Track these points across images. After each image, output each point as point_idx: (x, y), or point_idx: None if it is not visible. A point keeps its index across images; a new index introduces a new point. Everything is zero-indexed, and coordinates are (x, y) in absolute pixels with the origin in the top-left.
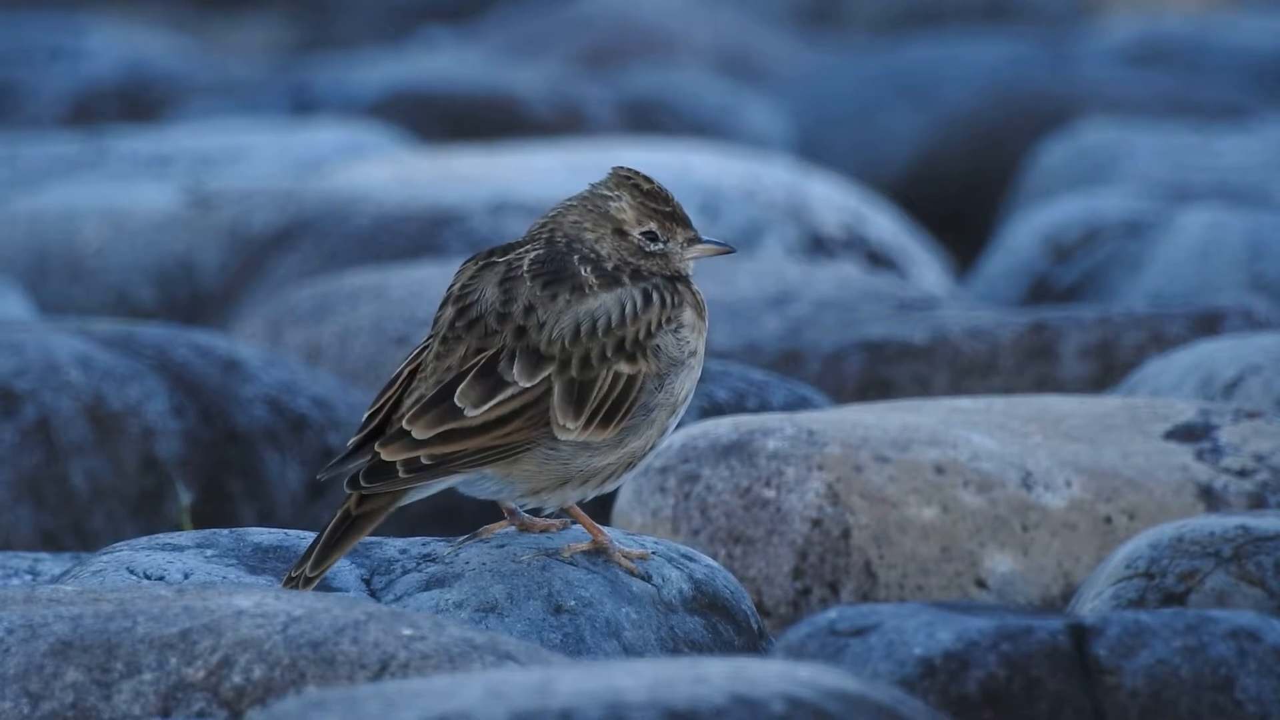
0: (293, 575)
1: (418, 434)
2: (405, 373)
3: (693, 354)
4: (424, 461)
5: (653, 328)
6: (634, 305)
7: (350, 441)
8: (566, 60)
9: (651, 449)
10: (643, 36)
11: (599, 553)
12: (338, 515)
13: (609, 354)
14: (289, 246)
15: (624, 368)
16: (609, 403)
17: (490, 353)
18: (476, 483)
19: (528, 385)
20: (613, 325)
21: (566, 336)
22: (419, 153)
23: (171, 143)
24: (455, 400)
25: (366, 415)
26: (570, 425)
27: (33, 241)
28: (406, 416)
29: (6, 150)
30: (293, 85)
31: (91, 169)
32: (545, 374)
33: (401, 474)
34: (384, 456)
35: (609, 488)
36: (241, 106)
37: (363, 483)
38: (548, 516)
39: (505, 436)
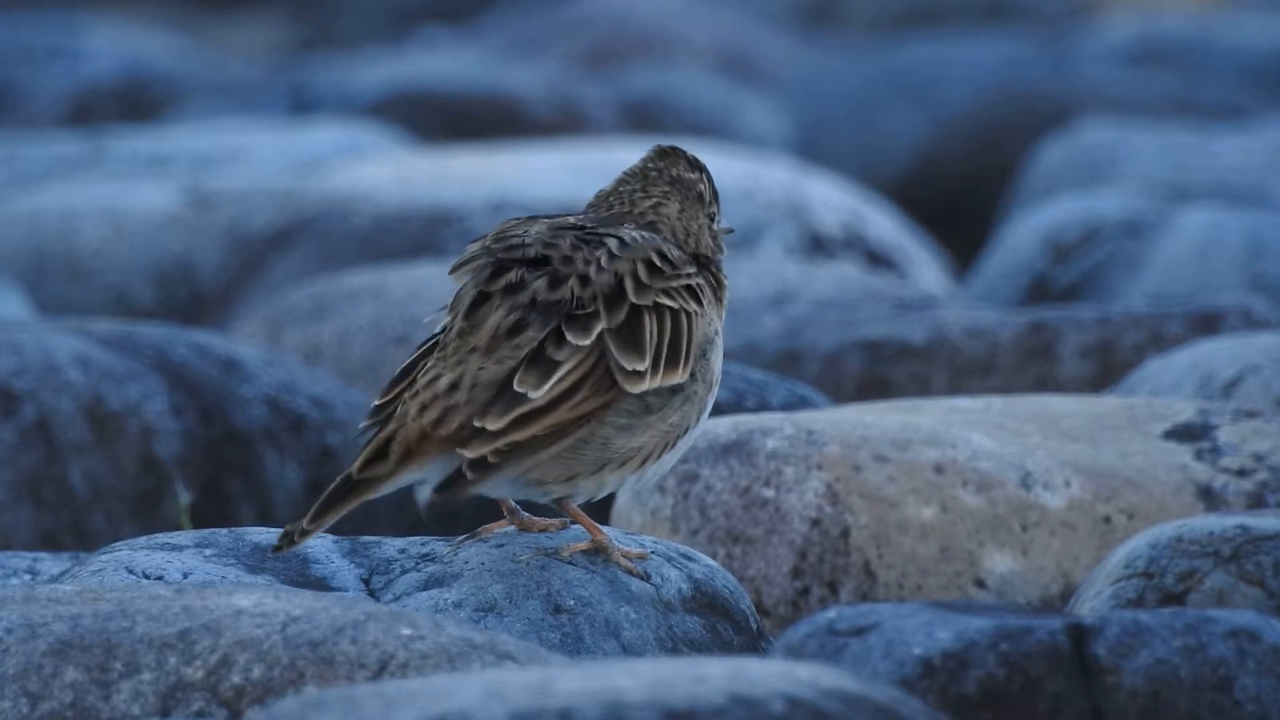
0: (288, 530)
1: (491, 426)
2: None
3: (717, 333)
4: (490, 460)
5: (674, 256)
6: (670, 250)
7: (362, 425)
8: (566, 60)
9: (690, 430)
10: (642, 36)
11: (598, 552)
12: (339, 478)
13: (652, 277)
14: (288, 246)
15: (666, 301)
16: (667, 341)
17: (538, 340)
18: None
19: (584, 344)
20: (659, 244)
21: (614, 247)
22: (418, 153)
23: (171, 143)
24: (515, 388)
25: (380, 400)
26: (639, 368)
27: (32, 241)
28: (477, 417)
29: (6, 150)
30: (292, 85)
31: (91, 169)
32: (597, 330)
33: (470, 476)
34: (468, 454)
35: (648, 473)
36: (241, 106)
37: (436, 497)
38: (546, 517)
39: (575, 408)
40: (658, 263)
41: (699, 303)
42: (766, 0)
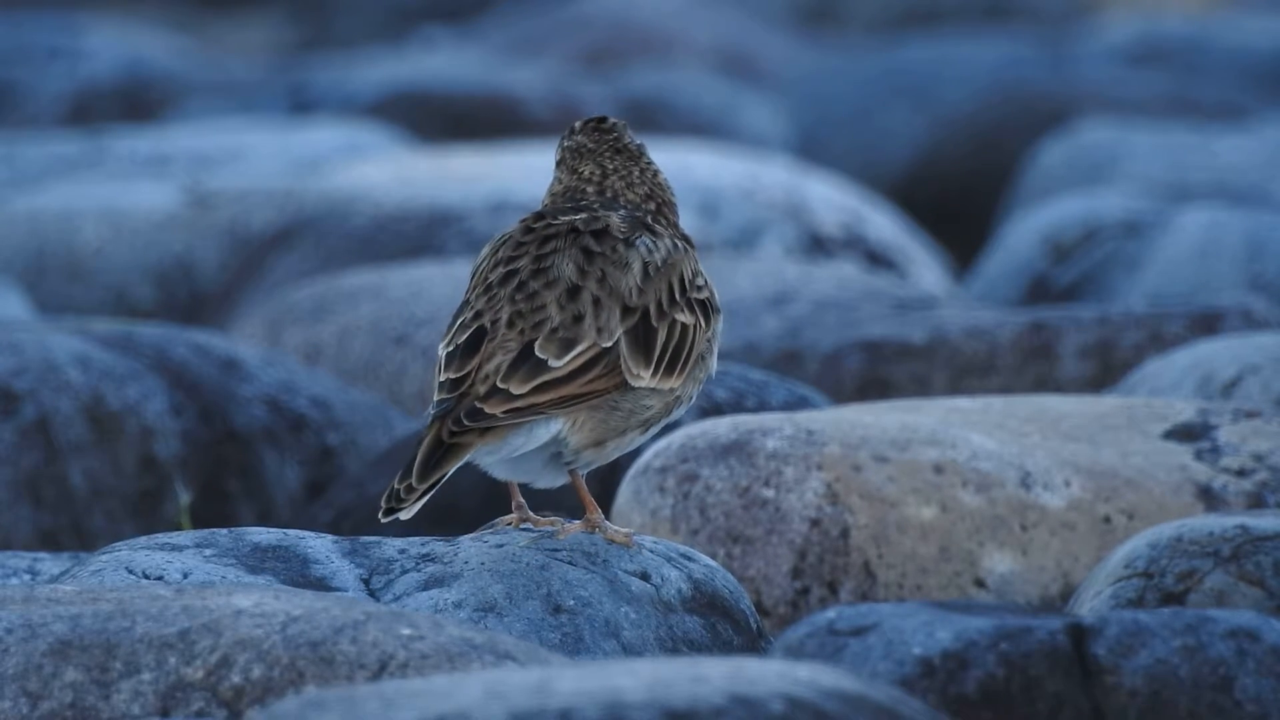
0: (397, 488)
1: (515, 389)
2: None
3: (716, 335)
4: (497, 415)
5: (692, 270)
6: (672, 241)
7: (436, 399)
8: (566, 60)
9: (682, 403)
10: (642, 36)
11: (590, 529)
12: (428, 442)
13: (676, 297)
14: (288, 246)
15: (684, 317)
16: (670, 351)
17: (564, 318)
18: (543, 434)
19: (608, 344)
20: (671, 254)
21: (637, 282)
22: (418, 153)
23: (170, 142)
24: (537, 353)
25: (451, 378)
26: (643, 374)
27: (32, 241)
28: (500, 378)
29: (6, 150)
30: (292, 85)
31: (90, 169)
32: (617, 334)
33: (500, 414)
34: (487, 410)
35: (649, 434)
36: (240, 106)
37: (466, 422)
38: (552, 517)
39: (590, 384)
40: (677, 291)
41: (708, 317)
42: (766, 0)
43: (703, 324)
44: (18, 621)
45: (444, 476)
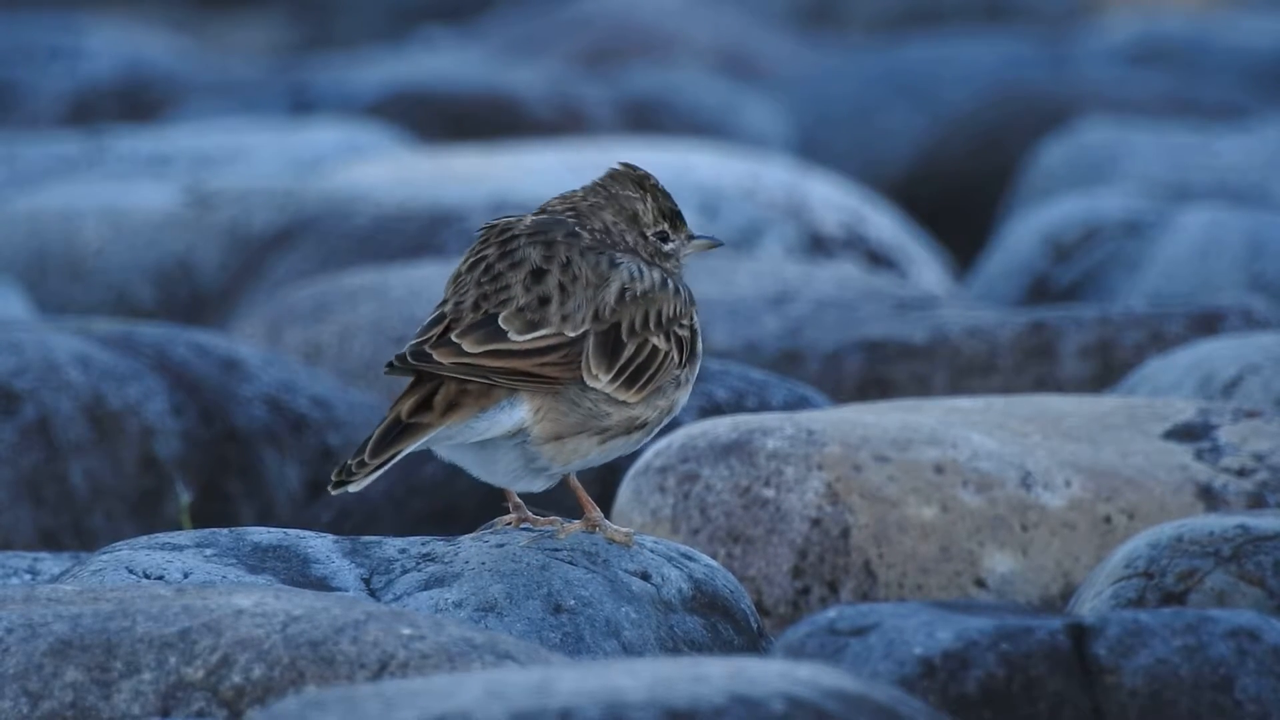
0: (350, 464)
1: (467, 348)
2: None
3: (689, 380)
4: (444, 363)
5: (678, 310)
6: (664, 279)
7: (411, 344)
8: (566, 60)
9: (656, 423)
10: (643, 36)
11: (590, 528)
12: (387, 420)
13: (650, 324)
14: (288, 246)
15: (659, 342)
16: (636, 365)
17: (536, 296)
18: (506, 421)
19: (572, 335)
20: (654, 290)
21: (611, 301)
22: (419, 153)
23: (171, 142)
24: (500, 323)
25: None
26: (601, 376)
27: (32, 241)
28: (454, 333)
29: (6, 150)
30: (292, 85)
31: (91, 169)
32: (584, 329)
33: (447, 364)
34: (435, 357)
35: (613, 452)
36: (241, 106)
37: (410, 360)
38: (552, 517)
39: (543, 366)
40: (653, 320)
41: (681, 354)
42: (766, 0)
43: (676, 357)
44: (18, 621)
45: (400, 454)
